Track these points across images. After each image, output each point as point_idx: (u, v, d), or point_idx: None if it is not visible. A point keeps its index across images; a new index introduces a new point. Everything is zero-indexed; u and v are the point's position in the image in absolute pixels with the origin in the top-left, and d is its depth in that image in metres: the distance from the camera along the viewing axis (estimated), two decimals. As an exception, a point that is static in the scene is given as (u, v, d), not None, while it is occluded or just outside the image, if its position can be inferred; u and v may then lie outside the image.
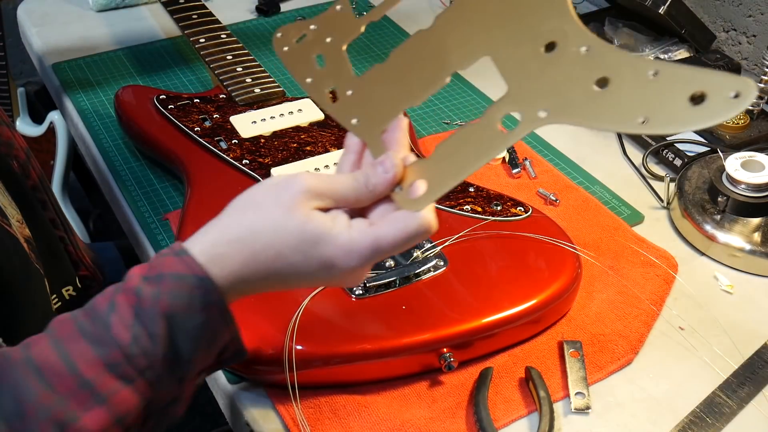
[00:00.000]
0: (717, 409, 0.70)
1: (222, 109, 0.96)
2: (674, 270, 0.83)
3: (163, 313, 0.51)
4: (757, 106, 1.01)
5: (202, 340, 0.53)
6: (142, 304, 0.51)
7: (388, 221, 0.54)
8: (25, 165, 0.79)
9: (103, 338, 0.51)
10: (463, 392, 0.71)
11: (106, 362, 0.50)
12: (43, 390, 0.49)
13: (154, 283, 0.52)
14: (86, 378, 0.50)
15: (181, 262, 0.53)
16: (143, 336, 0.51)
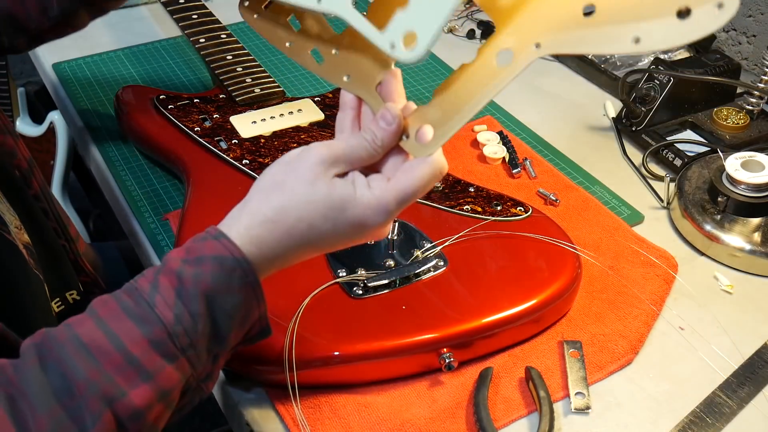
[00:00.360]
0: (717, 409, 0.70)
1: (222, 109, 0.96)
2: (674, 270, 0.83)
3: (204, 292, 0.54)
4: (757, 106, 1.01)
5: (238, 318, 0.56)
6: (183, 284, 0.54)
7: (404, 172, 0.57)
8: (27, 174, 0.79)
9: (147, 317, 0.52)
10: (463, 392, 0.71)
11: (151, 340, 0.52)
12: (91, 367, 0.50)
13: (194, 265, 0.54)
14: (133, 355, 0.51)
15: (221, 245, 0.55)
16: (185, 315, 0.53)
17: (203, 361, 0.55)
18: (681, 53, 1.16)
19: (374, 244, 0.79)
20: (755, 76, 1.11)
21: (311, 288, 0.73)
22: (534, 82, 1.15)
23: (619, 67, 1.16)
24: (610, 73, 1.13)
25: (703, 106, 1.04)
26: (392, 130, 0.57)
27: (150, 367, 0.52)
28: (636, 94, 1.04)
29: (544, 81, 1.16)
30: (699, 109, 1.04)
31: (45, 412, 0.48)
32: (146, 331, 0.52)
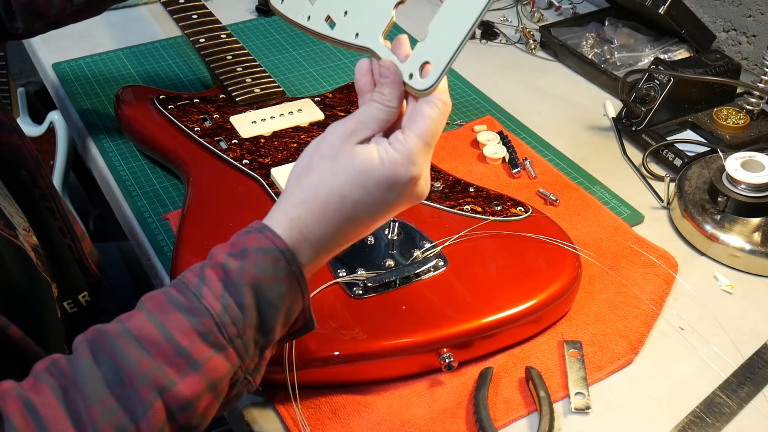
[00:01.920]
0: (717, 409, 0.70)
1: (222, 109, 0.96)
2: (674, 270, 0.83)
3: (249, 283, 0.55)
4: (757, 106, 1.01)
5: (283, 310, 0.57)
6: (229, 276, 0.55)
7: (412, 118, 0.58)
8: (34, 174, 0.79)
9: (195, 308, 0.54)
10: (463, 392, 0.71)
11: (200, 331, 0.53)
12: (142, 357, 0.51)
13: (239, 258, 0.56)
14: (182, 345, 0.52)
15: (264, 237, 0.56)
16: (232, 305, 0.54)
17: (251, 353, 0.56)
18: (681, 53, 1.16)
19: (374, 244, 0.79)
20: (755, 76, 1.11)
21: (311, 288, 0.73)
22: (534, 82, 1.15)
23: (619, 67, 1.16)
24: (610, 73, 1.13)
25: (703, 106, 1.04)
26: (393, 80, 0.58)
27: (199, 357, 0.53)
28: (636, 94, 1.04)
29: (544, 81, 1.16)
30: (699, 109, 1.04)
31: (97, 402, 0.49)
32: (194, 321, 0.53)
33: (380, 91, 0.59)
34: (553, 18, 1.31)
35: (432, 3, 1.35)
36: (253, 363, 0.57)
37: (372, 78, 0.62)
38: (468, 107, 1.09)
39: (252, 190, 0.85)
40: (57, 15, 0.85)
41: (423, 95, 0.58)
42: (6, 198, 0.71)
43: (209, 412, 0.54)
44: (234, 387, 0.56)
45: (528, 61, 1.21)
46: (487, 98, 1.11)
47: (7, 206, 0.69)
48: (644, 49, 1.18)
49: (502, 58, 1.21)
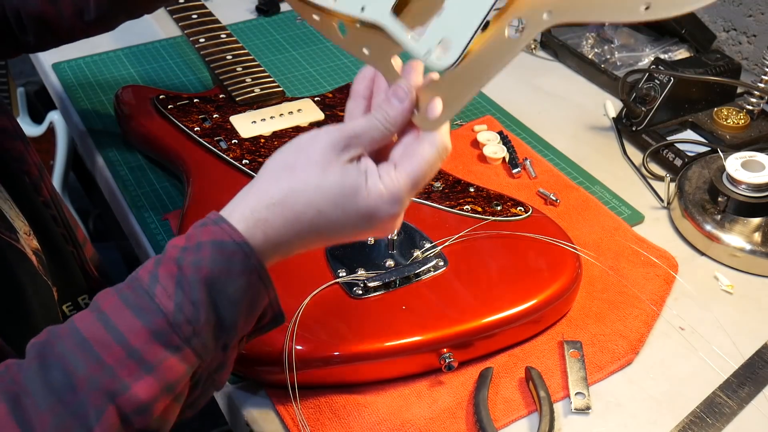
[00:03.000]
0: (717, 409, 0.70)
1: (222, 109, 0.96)
2: (674, 270, 0.83)
3: (203, 279, 0.52)
4: (757, 106, 1.01)
5: (243, 305, 0.54)
6: (183, 272, 0.52)
7: (409, 157, 0.56)
8: (37, 182, 0.79)
9: (147, 308, 0.51)
10: (463, 392, 0.71)
11: (152, 331, 0.51)
12: (92, 361, 0.50)
13: (193, 252, 0.53)
14: (133, 347, 0.50)
15: (220, 229, 0.54)
16: (186, 303, 0.52)
17: (211, 351, 0.54)
18: (681, 53, 1.16)
19: (374, 244, 0.79)
20: (755, 76, 1.11)
21: (311, 288, 0.73)
22: (534, 82, 1.15)
23: (619, 67, 1.16)
24: (610, 73, 1.13)
25: (703, 106, 1.04)
26: (404, 107, 0.56)
27: (152, 358, 0.51)
28: (636, 94, 1.04)
29: (544, 81, 1.16)
30: (699, 109, 1.04)
31: (47, 410, 0.48)
32: (146, 321, 0.51)
33: (386, 111, 0.56)
34: (553, 18, 1.31)
35: (432, 3, 1.35)
36: (215, 361, 0.55)
37: (371, 87, 0.59)
38: (468, 107, 1.09)
39: (252, 190, 0.85)
40: (68, 30, 0.84)
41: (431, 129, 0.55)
42: (7, 202, 0.71)
43: (169, 414, 0.53)
44: (197, 387, 0.55)
45: (528, 61, 1.21)
46: (487, 98, 1.11)
47: (8, 210, 0.69)
48: (644, 49, 1.18)
49: (502, 58, 1.21)
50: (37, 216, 0.76)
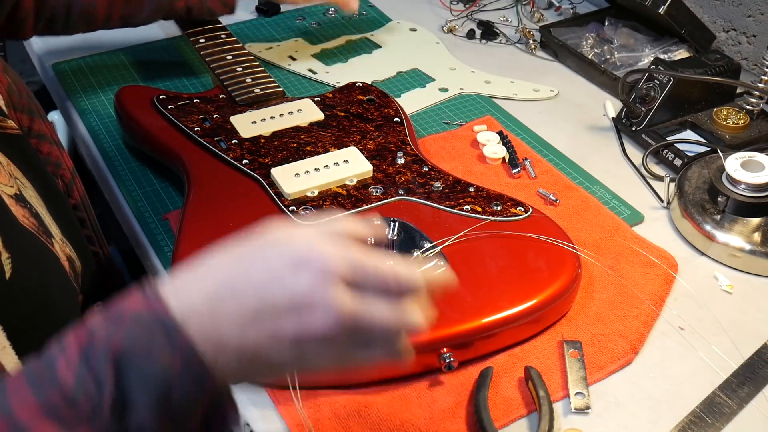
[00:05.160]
0: (717, 409, 0.70)
1: (222, 109, 0.96)
2: (674, 270, 0.83)
3: (113, 354, 0.46)
4: (757, 107, 1.01)
5: (161, 396, 0.46)
6: (93, 343, 0.46)
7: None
8: (70, 184, 0.79)
9: (44, 380, 0.46)
10: (463, 392, 0.71)
11: (44, 405, 0.46)
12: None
13: (113, 323, 0.47)
14: (19, 421, 0.45)
15: (143, 298, 0.47)
16: (88, 379, 0.46)
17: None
18: (681, 53, 1.16)
19: (374, 244, 0.78)
20: (755, 76, 1.11)
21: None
22: (534, 82, 1.15)
23: (619, 67, 1.16)
24: (610, 73, 1.13)
25: (703, 106, 1.04)
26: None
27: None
28: (636, 94, 1.04)
29: (544, 81, 1.16)
30: (699, 109, 1.04)
31: None
32: (40, 395, 0.46)
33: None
34: (553, 18, 1.31)
35: (432, 3, 1.35)
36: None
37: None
38: (468, 107, 1.09)
39: (252, 190, 0.85)
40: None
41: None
42: (42, 207, 0.71)
43: None
44: None
45: (528, 61, 1.21)
46: (487, 98, 1.11)
47: (45, 215, 0.69)
48: (644, 49, 1.18)
49: (502, 58, 1.21)
50: (68, 220, 0.76)
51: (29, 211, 0.64)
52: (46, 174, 0.75)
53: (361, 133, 0.94)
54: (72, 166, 0.80)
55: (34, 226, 0.63)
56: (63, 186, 0.78)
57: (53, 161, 0.77)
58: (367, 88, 1.02)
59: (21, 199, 0.64)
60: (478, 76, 1.15)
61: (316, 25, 1.28)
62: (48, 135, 0.77)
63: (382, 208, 0.83)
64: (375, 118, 0.96)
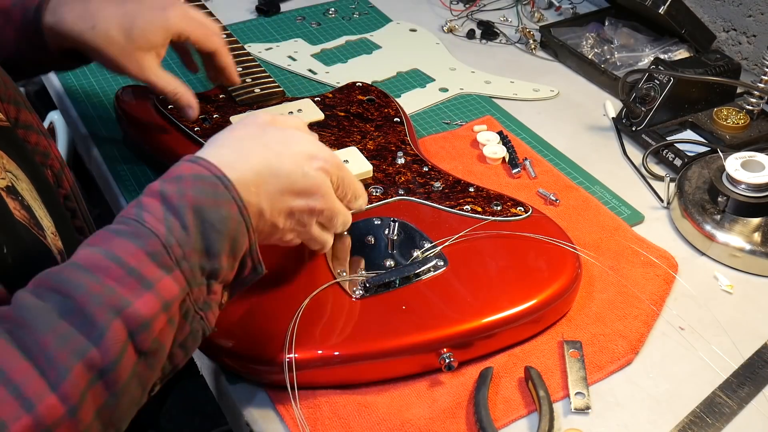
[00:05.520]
0: (717, 409, 0.70)
1: (222, 109, 0.96)
2: (674, 270, 0.83)
3: (190, 205, 0.55)
4: (757, 106, 1.01)
5: (227, 236, 0.56)
6: (169, 200, 0.55)
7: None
8: (59, 174, 0.79)
9: (140, 232, 0.53)
10: (463, 392, 0.71)
11: (148, 252, 0.53)
12: (91, 281, 0.50)
13: (175, 183, 0.56)
14: (131, 265, 0.52)
15: (198, 166, 0.57)
16: (176, 226, 0.54)
17: (198, 280, 0.55)
18: (681, 53, 1.16)
19: (374, 244, 0.79)
20: (755, 76, 1.11)
21: (311, 288, 0.73)
22: (534, 82, 1.15)
23: (619, 67, 1.16)
24: (610, 73, 1.13)
25: (703, 106, 1.04)
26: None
27: (150, 276, 0.52)
28: (636, 94, 1.04)
29: (544, 81, 1.16)
30: (699, 109, 1.04)
31: (49, 332, 0.48)
32: (141, 244, 0.53)
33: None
34: (553, 18, 1.31)
35: (432, 3, 1.35)
36: (201, 294, 0.56)
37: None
38: (468, 107, 1.09)
39: (252, 190, 0.85)
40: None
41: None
42: (36, 201, 0.71)
43: (165, 337, 0.53)
44: (186, 319, 0.55)
45: (528, 61, 1.21)
46: (486, 98, 1.11)
47: (37, 208, 0.69)
48: (644, 49, 1.18)
49: (502, 58, 1.21)
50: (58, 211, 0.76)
51: (20, 203, 0.64)
52: (35, 165, 0.75)
53: (361, 133, 0.94)
54: (60, 156, 0.80)
55: (26, 218, 0.63)
56: (52, 176, 0.78)
57: (41, 151, 0.77)
58: (367, 88, 1.02)
59: (12, 191, 0.64)
60: (478, 76, 1.15)
61: (316, 25, 1.28)
62: (34, 125, 0.77)
63: (382, 208, 0.83)
64: (375, 118, 0.96)
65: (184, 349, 0.56)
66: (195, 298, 0.55)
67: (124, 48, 0.83)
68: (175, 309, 0.54)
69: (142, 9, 0.85)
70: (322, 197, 0.65)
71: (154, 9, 0.85)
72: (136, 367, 0.51)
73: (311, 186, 0.64)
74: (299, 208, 0.64)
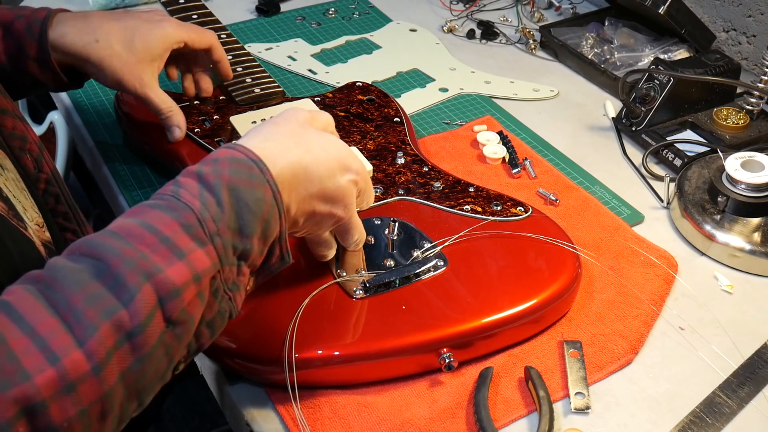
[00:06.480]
0: (717, 409, 0.70)
1: (222, 109, 0.96)
2: (674, 270, 0.83)
3: (226, 184, 0.56)
4: (757, 106, 1.01)
5: (261, 217, 0.57)
6: (205, 178, 0.57)
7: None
8: (39, 158, 0.78)
9: (175, 206, 0.55)
10: (463, 392, 0.71)
11: (181, 223, 0.54)
12: (125, 246, 0.51)
13: (211, 164, 0.58)
14: (165, 235, 0.53)
15: (235, 150, 0.59)
16: (211, 202, 0.55)
17: (230, 258, 0.56)
18: (681, 53, 1.16)
19: (374, 244, 0.79)
20: (755, 76, 1.11)
21: (311, 288, 0.73)
22: (534, 82, 1.15)
23: (619, 67, 1.16)
24: (610, 73, 1.13)
25: (703, 106, 1.04)
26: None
27: (183, 246, 0.53)
28: (636, 94, 1.04)
29: (544, 81, 1.16)
30: (699, 109, 1.04)
31: (79, 290, 0.49)
32: (176, 216, 0.54)
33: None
34: (553, 18, 1.31)
35: (432, 3, 1.35)
36: (231, 275, 0.57)
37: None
38: (468, 107, 1.09)
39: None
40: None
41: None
42: (23, 192, 0.71)
43: (193, 309, 0.53)
44: (215, 297, 0.55)
45: (528, 61, 1.21)
46: (486, 98, 1.11)
47: (22, 200, 0.69)
48: (644, 49, 1.18)
49: (502, 58, 1.21)
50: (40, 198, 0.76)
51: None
52: (14, 150, 0.75)
53: (361, 133, 0.94)
54: (38, 140, 0.80)
55: (3, 209, 0.63)
56: (32, 161, 0.77)
57: (18, 135, 0.76)
58: (367, 88, 1.02)
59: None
60: (478, 76, 1.15)
61: (316, 25, 1.28)
62: (10, 109, 0.77)
63: (382, 208, 0.83)
64: (375, 118, 0.96)
65: (210, 328, 0.57)
66: (225, 277, 0.56)
67: (126, 61, 0.86)
68: (206, 283, 0.54)
69: (140, 23, 0.88)
70: (345, 207, 0.67)
71: (152, 22, 0.88)
72: (164, 335, 0.51)
73: (340, 195, 0.66)
74: (322, 212, 0.66)
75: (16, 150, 0.75)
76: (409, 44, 1.23)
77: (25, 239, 0.66)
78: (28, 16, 0.85)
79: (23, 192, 0.70)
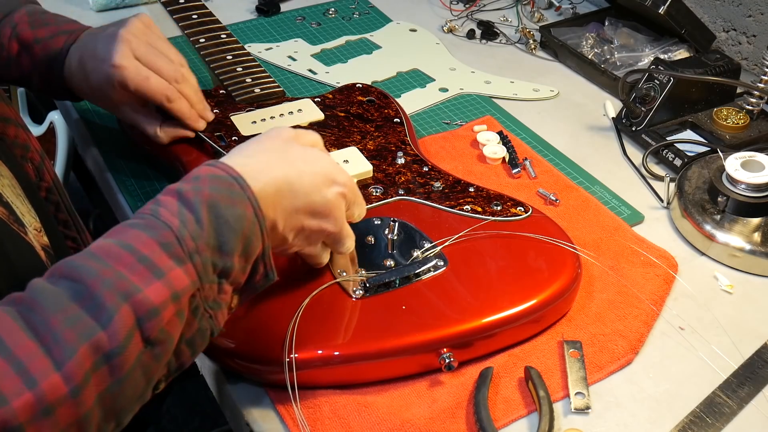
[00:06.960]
0: (717, 409, 0.70)
1: (222, 105, 0.96)
2: (674, 270, 0.83)
3: (206, 201, 0.56)
4: (757, 106, 1.01)
5: (241, 235, 0.57)
6: (185, 195, 0.56)
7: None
8: (40, 167, 0.79)
9: (154, 225, 0.55)
10: (463, 392, 0.71)
11: (160, 242, 0.54)
12: (102, 267, 0.51)
13: (192, 182, 0.58)
14: (143, 254, 0.53)
15: (216, 167, 0.59)
16: (190, 219, 0.55)
17: (209, 275, 0.56)
18: (681, 53, 1.16)
19: (374, 244, 0.79)
20: (755, 76, 1.11)
21: (311, 288, 0.73)
22: (534, 82, 1.15)
23: (619, 67, 1.16)
24: (610, 73, 1.13)
25: (703, 106, 1.04)
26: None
27: (161, 265, 0.53)
28: (636, 94, 1.04)
29: (544, 81, 1.16)
30: (699, 109, 1.04)
31: (58, 312, 0.49)
32: (154, 234, 0.54)
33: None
34: (553, 18, 1.31)
35: (432, 3, 1.35)
36: (212, 293, 0.56)
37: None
38: (468, 107, 1.09)
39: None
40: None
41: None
42: (19, 197, 0.71)
43: (172, 329, 0.53)
44: (194, 316, 0.55)
45: (528, 61, 1.21)
46: (486, 98, 1.11)
47: (19, 205, 0.69)
48: (644, 49, 1.18)
49: (502, 58, 1.21)
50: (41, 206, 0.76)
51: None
52: (15, 159, 0.75)
53: (361, 133, 0.94)
54: (40, 148, 0.80)
55: (4, 214, 0.63)
56: (33, 170, 0.77)
57: (20, 144, 0.77)
58: (367, 88, 1.02)
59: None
60: (478, 76, 1.15)
61: (316, 25, 1.28)
62: (12, 118, 0.77)
63: (382, 208, 0.83)
64: (375, 118, 0.96)
65: (191, 347, 0.56)
66: (205, 296, 0.56)
67: (109, 107, 0.90)
68: (185, 302, 0.54)
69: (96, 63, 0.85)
70: (335, 221, 0.67)
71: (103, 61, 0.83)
72: (142, 355, 0.51)
73: (327, 209, 0.65)
74: (311, 227, 0.66)
75: (18, 158, 0.75)
76: (409, 44, 1.23)
77: (25, 244, 0.66)
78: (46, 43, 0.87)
79: (19, 197, 0.70)
